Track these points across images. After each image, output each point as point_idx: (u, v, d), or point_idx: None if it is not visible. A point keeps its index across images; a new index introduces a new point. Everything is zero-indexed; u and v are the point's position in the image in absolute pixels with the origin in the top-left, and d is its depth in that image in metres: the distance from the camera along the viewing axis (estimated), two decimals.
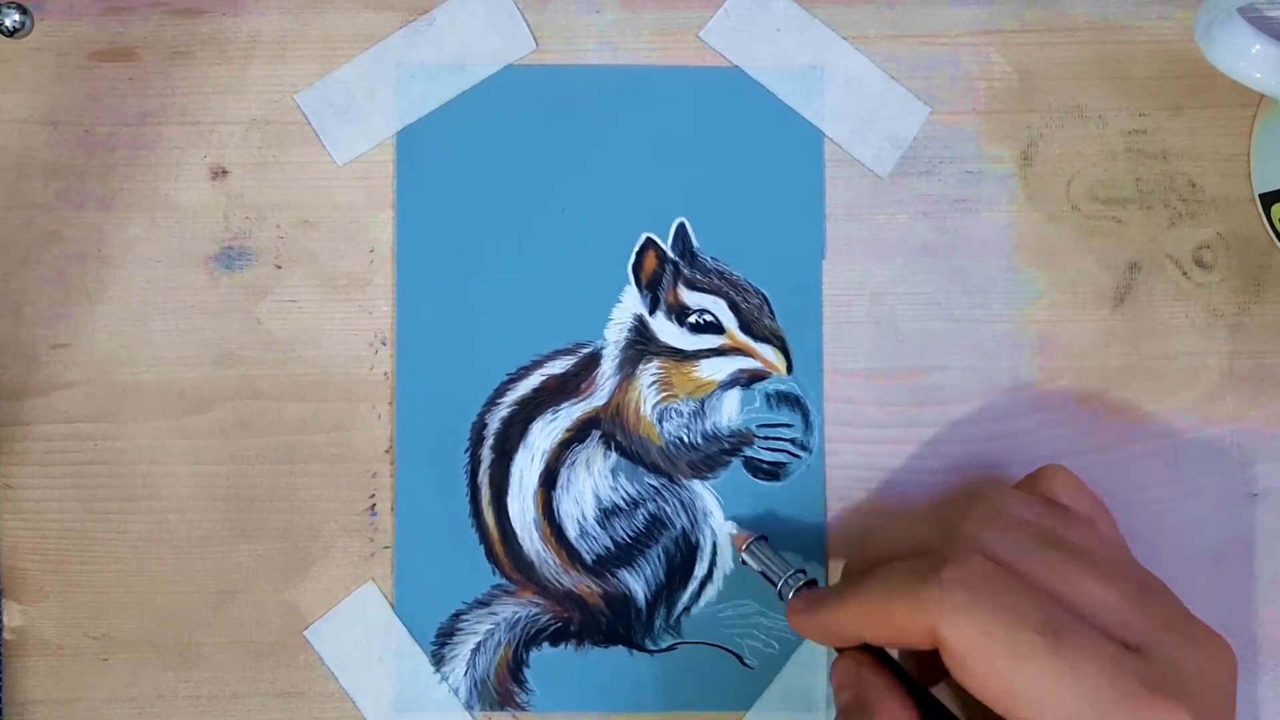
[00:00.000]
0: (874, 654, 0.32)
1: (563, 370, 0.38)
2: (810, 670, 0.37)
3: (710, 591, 0.38)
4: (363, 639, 0.37)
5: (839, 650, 0.33)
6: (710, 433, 0.38)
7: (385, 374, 0.38)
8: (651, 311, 0.38)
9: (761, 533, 0.36)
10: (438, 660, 0.37)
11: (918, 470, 0.38)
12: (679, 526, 0.38)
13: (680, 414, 0.38)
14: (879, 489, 0.38)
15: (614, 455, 0.38)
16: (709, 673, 0.37)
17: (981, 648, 0.27)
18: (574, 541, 0.37)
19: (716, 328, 0.38)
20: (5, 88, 0.38)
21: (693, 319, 0.38)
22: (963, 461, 0.38)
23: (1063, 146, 0.39)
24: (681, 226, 0.38)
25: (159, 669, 0.37)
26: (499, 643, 0.37)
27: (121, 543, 0.37)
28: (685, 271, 0.38)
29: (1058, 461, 0.37)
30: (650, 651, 0.37)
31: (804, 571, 0.34)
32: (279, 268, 0.38)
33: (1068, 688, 0.27)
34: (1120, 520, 0.38)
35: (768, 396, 0.38)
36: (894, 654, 0.33)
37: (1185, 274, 0.38)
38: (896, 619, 0.29)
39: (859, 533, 0.38)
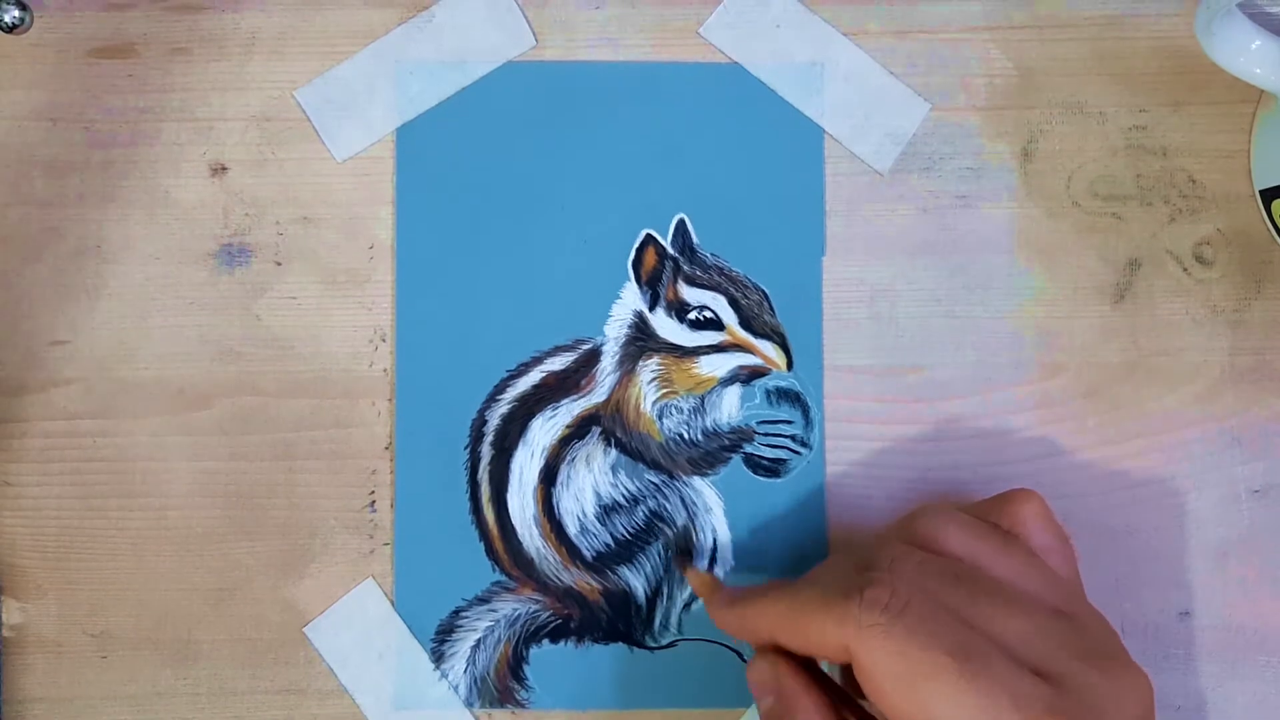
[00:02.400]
0: (790, 655, 0.32)
1: (563, 367, 0.38)
2: None
3: None
4: (362, 636, 0.37)
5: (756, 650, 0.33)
6: (710, 429, 0.38)
7: (385, 370, 0.38)
8: (651, 308, 0.38)
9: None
10: (437, 657, 0.37)
11: (918, 466, 0.38)
12: (679, 523, 0.37)
13: (680, 410, 0.38)
14: (879, 485, 0.38)
15: (614, 452, 0.38)
16: (709, 670, 0.37)
17: (893, 667, 0.28)
18: (574, 538, 0.37)
19: (716, 324, 0.38)
20: (4, 84, 0.38)
21: (693, 315, 0.38)
22: (963, 458, 0.38)
23: (1063, 142, 0.39)
24: (681, 223, 0.38)
25: (158, 666, 0.37)
26: (499, 639, 0.37)
27: (120, 540, 0.37)
28: (685, 268, 0.38)
29: (1057, 462, 0.37)
30: (650, 648, 0.37)
31: None
32: (278, 264, 0.38)
33: (975, 711, 0.27)
34: (1120, 517, 0.38)
35: (768, 393, 0.38)
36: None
37: (1185, 270, 0.38)
38: (813, 630, 0.29)
39: (859, 528, 0.37)
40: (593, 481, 0.37)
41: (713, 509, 0.37)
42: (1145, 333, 0.38)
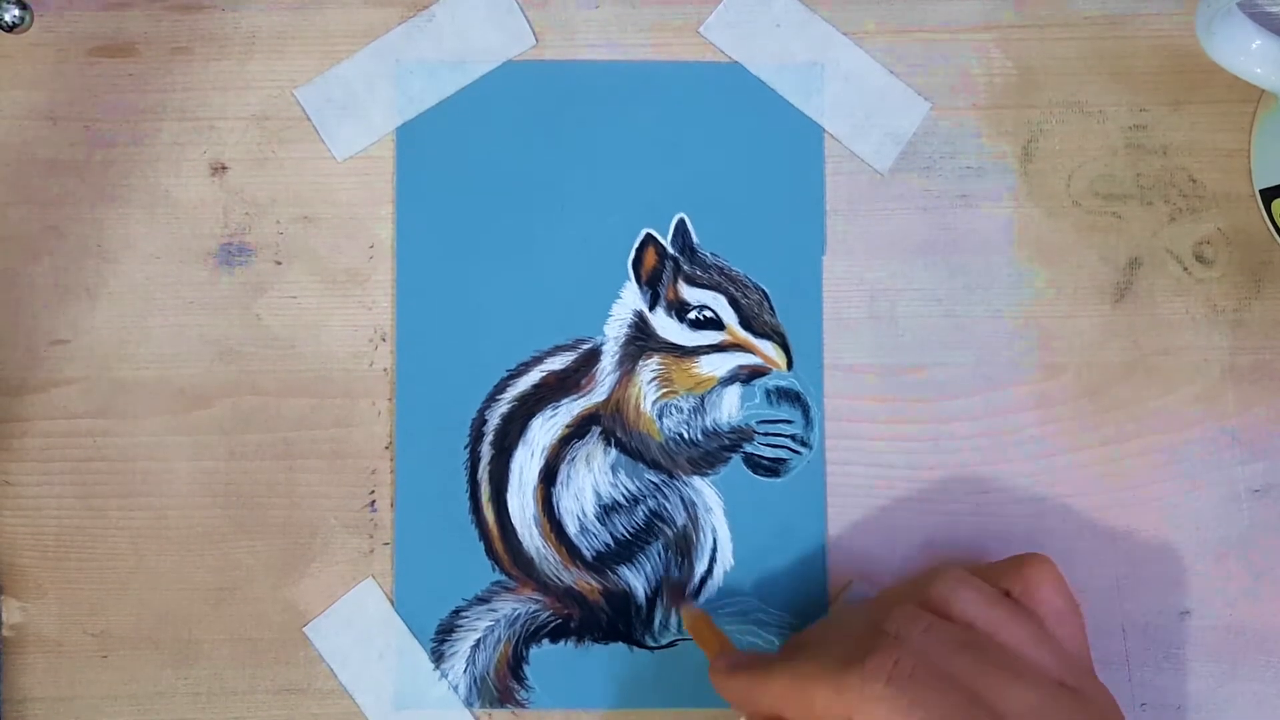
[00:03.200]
0: None
1: (563, 366, 0.38)
2: None
3: (710, 588, 0.37)
4: (362, 635, 0.37)
5: None
6: (710, 429, 0.38)
7: (385, 370, 0.38)
8: (651, 307, 0.38)
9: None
10: (437, 657, 0.37)
11: (918, 466, 0.38)
12: (679, 523, 0.37)
13: (680, 410, 0.38)
14: (879, 485, 0.38)
15: (614, 451, 0.38)
16: (709, 669, 0.37)
17: None
18: (574, 538, 0.37)
19: (716, 324, 0.38)
20: (5, 83, 0.38)
21: (693, 315, 0.38)
22: (962, 457, 0.38)
23: (1063, 142, 0.39)
24: (681, 222, 0.38)
25: (158, 666, 0.37)
26: (499, 639, 0.37)
27: (120, 539, 0.37)
28: (685, 267, 0.38)
29: (1057, 461, 0.37)
30: (650, 648, 0.37)
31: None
32: (279, 263, 0.38)
33: None
34: (1120, 517, 0.38)
35: (768, 392, 0.38)
36: None
37: (1186, 269, 0.38)
38: (816, 702, 0.30)
39: (858, 528, 0.37)
40: (593, 481, 0.37)
41: (713, 508, 0.37)
42: (1145, 332, 0.38)
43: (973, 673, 0.29)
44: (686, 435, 0.38)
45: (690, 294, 0.38)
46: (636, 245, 0.38)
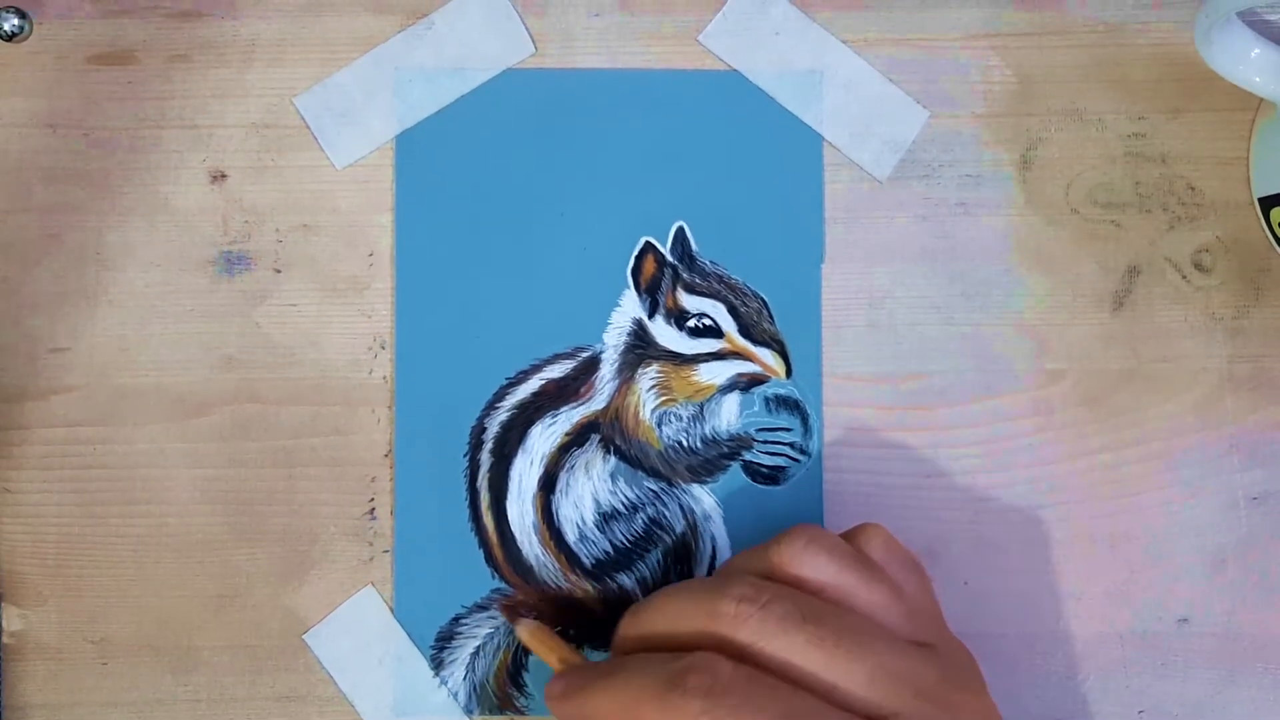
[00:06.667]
0: None
1: (562, 374, 0.38)
2: None
3: None
4: (362, 643, 0.37)
5: None
6: (709, 437, 0.38)
7: (384, 378, 0.38)
8: (650, 315, 0.38)
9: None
10: (437, 664, 0.37)
11: (917, 474, 0.38)
12: (678, 531, 0.38)
13: (679, 418, 0.38)
14: (878, 493, 0.38)
15: (613, 459, 0.38)
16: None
17: None
18: (573, 546, 0.37)
19: (715, 332, 0.38)
20: (4, 91, 0.38)
21: (692, 323, 0.38)
22: (961, 465, 0.38)
23: (1062, 150, 0.39)
24: (680, 230, 0.38)
25: (158, 673, 0.37)
26: (498, 647, 0.37)
27: (120, 546, 0.37)
28: (684, 275, 0.38)
29: (1055, 469, 0.37)
30: None
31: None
32: (278, 272, 0.38)
33: None
34: (1118, 524, 0.38)
35: (767, 400, 0.38)
36: None
37: (1184, 278, 0.38)
38: None
39: None
40: (592, 489, 0.38)
41: (711, 516, 0.38)
42: (1144, 340, 0.38)
43: (814, 652, 0.30)
44: (685, 443, 0.38)
45: (689, 302, 0.38)
46: (636, 253, 0.38)
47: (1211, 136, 0.39)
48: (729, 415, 0.38)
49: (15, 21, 0.34)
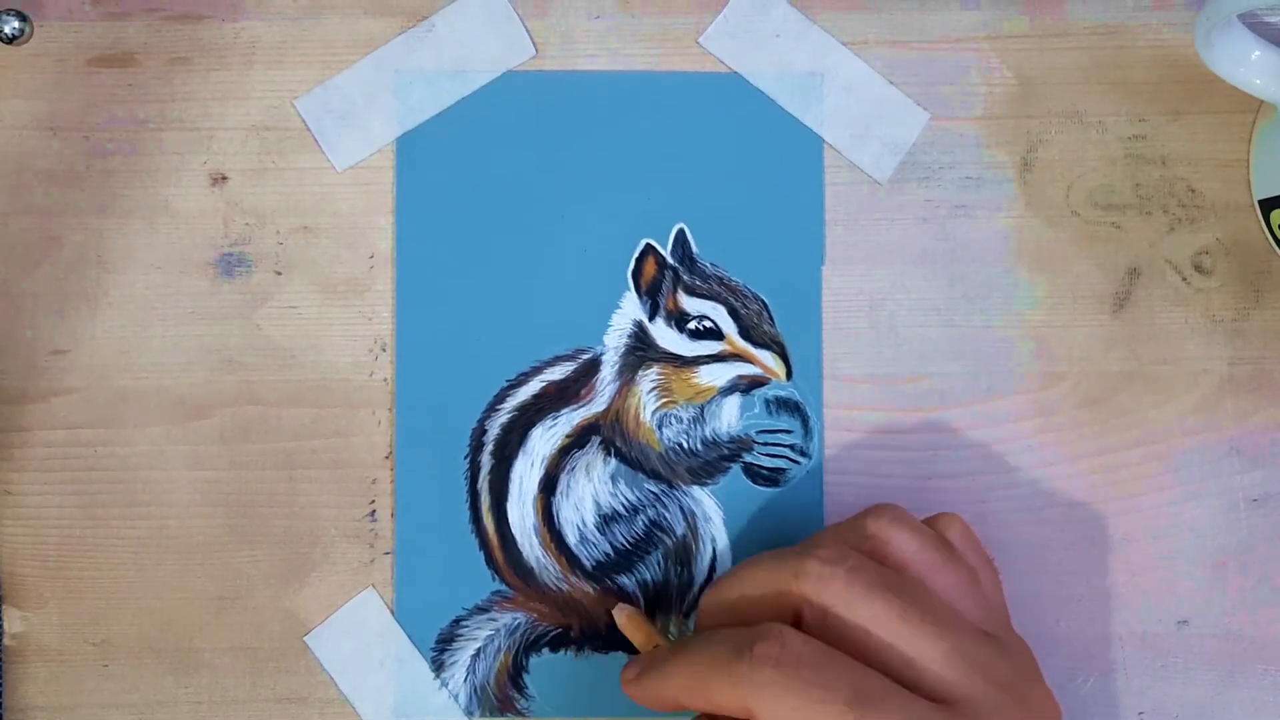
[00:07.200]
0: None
1: (562, 376, 0.38)
2: None
3: None
4: (363, 645, 0.37)
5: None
6: (710, 439, 0.38)
7: (385, 380, 0.38)
8: (651, 318, 0.38)
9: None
10: (437, 666, 0.37)
11: (917, 476, 0.38)
12: (679, 533, 0.38)
13: (680, 420, 0.38)
14: (878, 494, 0.38)
15: (614, 461, 0.38)
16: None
17: None
18: (574, 548, 0.37)
19: (716, 334, 0.38)
20: (5, 94, 0.38)
21: (692, 325, 0.38)
22: (962, 467, 0.38)
23: (1062, 152, 0.39)
24: (681, 232, 0.38)
25: (159, 675, 0.37)
26: (499, 649, 0.37)
27: (121, 548, 0.37)
28: (685, 278, 0.38)
29: (1056, 471, 0.37)
30: None
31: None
32: (279, 274, 0.38)
33: None
34: (1119, 525, 0.38)
35: (767, 402, 0.38)
36: None
37: (1185, 279, 0.38)
38: (714, 695, 0.29)
39: None
40: (592, 491, 0.38)
41: (712, 518, 0.38)
42: (1144, 342, 0.38)
43: (894, 623, 0.29)
44: (686, 445, 0.38)
45: (690, 304, 0.38)
46: (636, 255, 0.38)
47: (1212, 139, 0.39)
48: (729, 417, 0.38)
49: (16, 24, 0.34)
